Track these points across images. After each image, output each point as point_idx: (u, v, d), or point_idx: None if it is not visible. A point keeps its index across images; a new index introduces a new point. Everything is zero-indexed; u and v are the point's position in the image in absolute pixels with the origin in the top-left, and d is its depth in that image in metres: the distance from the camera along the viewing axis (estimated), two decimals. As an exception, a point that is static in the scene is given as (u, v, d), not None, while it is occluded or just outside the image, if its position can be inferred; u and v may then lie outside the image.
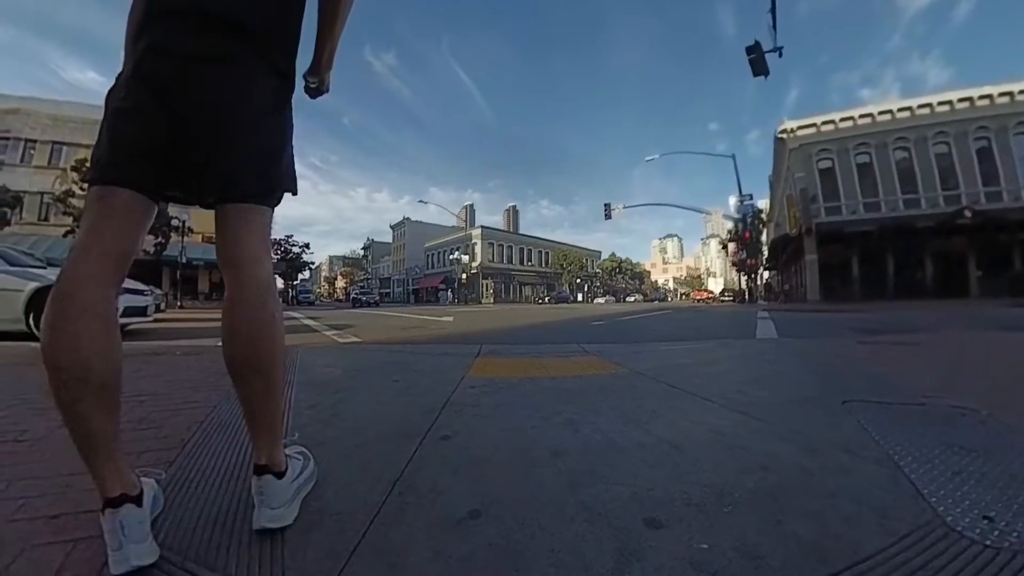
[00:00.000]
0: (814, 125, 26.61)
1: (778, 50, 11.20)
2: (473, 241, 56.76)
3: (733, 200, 28.27)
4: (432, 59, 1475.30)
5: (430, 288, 61.96)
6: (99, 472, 0.87)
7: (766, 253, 35.58)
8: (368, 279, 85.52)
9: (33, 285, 5.55)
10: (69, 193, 22.63)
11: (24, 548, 0.93)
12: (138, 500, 0.88)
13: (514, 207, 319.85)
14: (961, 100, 23.80)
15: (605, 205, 29.72)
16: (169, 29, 0.96)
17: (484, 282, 54.60)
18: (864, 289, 23.15)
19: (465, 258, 51.79)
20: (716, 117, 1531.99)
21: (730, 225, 31.53)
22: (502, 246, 60.67)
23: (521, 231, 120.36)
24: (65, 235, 23.34)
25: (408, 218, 76.57)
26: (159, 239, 24.94)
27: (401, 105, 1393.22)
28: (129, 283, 7.12)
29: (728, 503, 1.09)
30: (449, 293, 53.36)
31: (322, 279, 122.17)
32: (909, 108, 24.71)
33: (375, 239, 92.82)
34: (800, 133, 27.01)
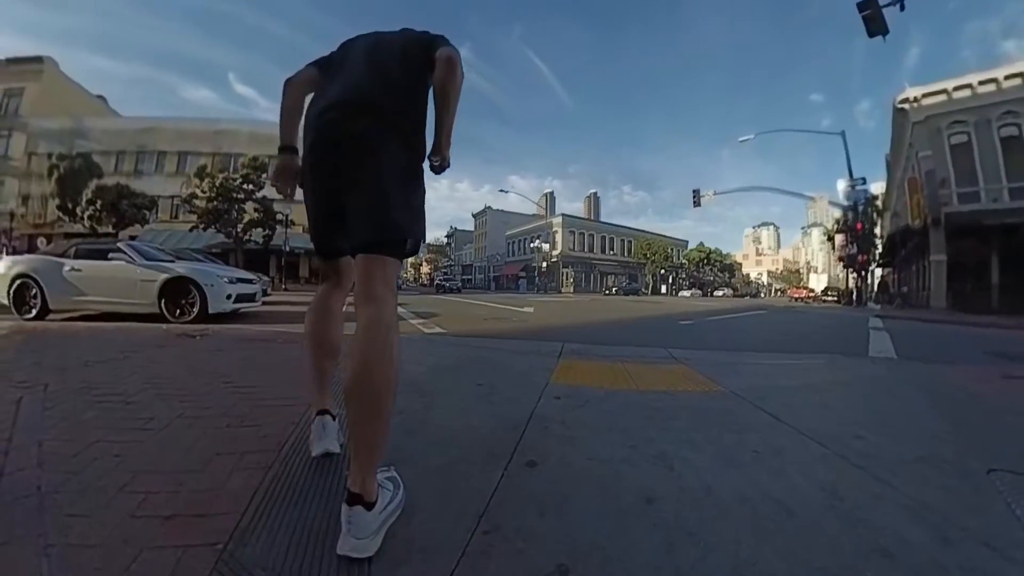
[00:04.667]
0: (944, 91, 21.66)
1: (899, 2, 9.31)
2: (554, 229, 56.24)
3: (843, 185, 23.80)
4: (506, 49, 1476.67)
5: (510, 276, 62.61)
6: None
7: (879, 247, 31.36)
8: (451, 266, 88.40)
9: (164, 276, 6.58)
10: (193, 196, 26.12)
11: (142, 549, 1.02)
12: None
13: (595, 194, 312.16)
14: None
15: (693, 191, 27.18)
16: (327, 122, 1.30)
17: (564, 271, 54.05)
18: (1005, 297, 18.26)
19: (546, 247, 51.36)
20: (818, 87, 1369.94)
21: (838, 213, 27.90)
22: (583, 234, 59.53)
23: (602, 219, 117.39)
24: (191, 229, 26.83)
25: (489, 207, 77.78)
26: (266, 231, 27.66)
27: (478, 96, 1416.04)
28: (241, 273, 7.88)
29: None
30: (535, 280, 53.11)
31: (409, 264, 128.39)
32: (1075, 61, 19.03)
33: (458, 227, 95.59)
34: (926, 102, 22.22)
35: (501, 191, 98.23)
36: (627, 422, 2.02)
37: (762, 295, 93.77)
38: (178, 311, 6.55)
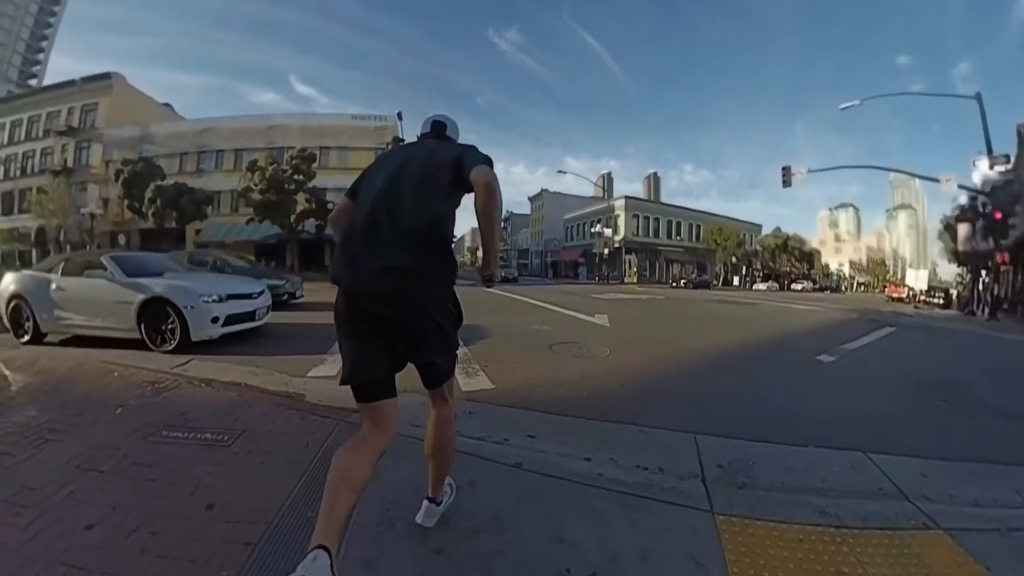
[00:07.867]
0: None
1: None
2: (616, 213, 51.41)
3: (983, 163, 17.43)
4: (556, 28, 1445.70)
5: (568, 262, 59.75)
6: None
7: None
8: (507, 250, 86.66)
9: (142, 297, 5.46)
10: (248, 189, 26.55)
11: None
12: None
13: (655, 173, 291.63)
14: None
15: (783, 168, 22.17)
16: (374, 283, 1.51)
17: (627, 258, 49.99)
18: None
19: (607, 232, 46.68)
20: (906, 47, 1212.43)
21: (962, 198, 22.62)
22: (647, 218, 54.68)
23: (663, 200, 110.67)
24: (248, 222, 27.23)
25: (546, 189, 74.68)
26: (319, 221, 27.42)
27: (530, 78, 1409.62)
28: (238, 286, 6.42)
29: None
30: (595, 266, 49.06)
31: (465, 249, 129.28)
32: None
33: (514, 211, 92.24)
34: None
35: (559, 172, 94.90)
36: None
37: (843, 288, 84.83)
38: (160, 338, 5.36)
